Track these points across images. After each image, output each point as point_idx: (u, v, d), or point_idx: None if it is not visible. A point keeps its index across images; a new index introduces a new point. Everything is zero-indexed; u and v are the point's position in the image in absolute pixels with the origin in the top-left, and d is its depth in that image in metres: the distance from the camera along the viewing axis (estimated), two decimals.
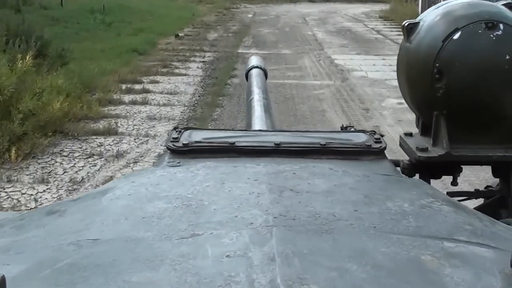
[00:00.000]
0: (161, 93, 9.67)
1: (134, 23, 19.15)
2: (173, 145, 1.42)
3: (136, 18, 20.72)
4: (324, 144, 1.42)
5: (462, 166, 2.00)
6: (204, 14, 24.72)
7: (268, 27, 20.91)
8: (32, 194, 5.44)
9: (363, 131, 1.57)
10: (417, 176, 1.93)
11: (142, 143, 7.03)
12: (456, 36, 1.80)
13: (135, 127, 7.69)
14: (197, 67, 12.39)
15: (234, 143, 1.43)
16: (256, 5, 31.34)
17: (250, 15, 25.81)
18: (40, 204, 5.17)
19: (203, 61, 13.15)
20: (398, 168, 1.88)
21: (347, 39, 17.68)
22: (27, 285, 0.82)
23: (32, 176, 5.87)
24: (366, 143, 1.45)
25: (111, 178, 5.87)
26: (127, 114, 8.24)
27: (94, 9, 20.70)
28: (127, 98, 9.13)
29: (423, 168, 1.93)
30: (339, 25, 21.75)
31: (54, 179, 5.86)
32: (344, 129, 2.03)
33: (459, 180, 2.05)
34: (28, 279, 0.84)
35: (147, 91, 9.63)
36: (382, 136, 1.51)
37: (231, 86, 10.54)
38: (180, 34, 16.86)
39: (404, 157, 2.00)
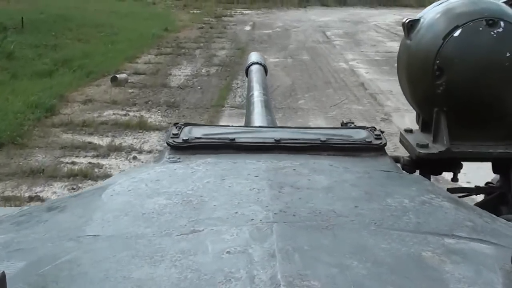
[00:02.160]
0: None
1: (63, 47, 12.02)
2: (173, 141, 1.40)
3: (74, 37, 13.49)
4: (325, 141, 1.42)
5: (462, 162, 1.99)
6: (183, 27, 17.31)
7: (275, 52, 13.19)
8: None
9: (364, 128, 1.56)
10: (417, 172, 1.91)
11: None
12: (456, 33, 1.81)
13: None
14: None
15: (234, 139, 1.41)
16: (256, 11, 23.85)
17: (247, 28, 18.38)
18: None
19: None
20: (398, 164, 1.86)
21: None
22: (27, 281, 0.81)
23: None
24: (367, 140, 1.44)
25: None
26: None
27: (5, 25, 13.44)
28: None
29: (424, 165, 1.92)
30: (382, 47, 14.26)
31: None
32: (344, 125, 1.99)
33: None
34: (28, 275, 0.83)
35: None
36: (382, 132, 1.49)
37: None
38: (119, 76, 9.29)
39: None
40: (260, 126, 1.81)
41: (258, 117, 2.00)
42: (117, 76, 9.34)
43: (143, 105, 8.01)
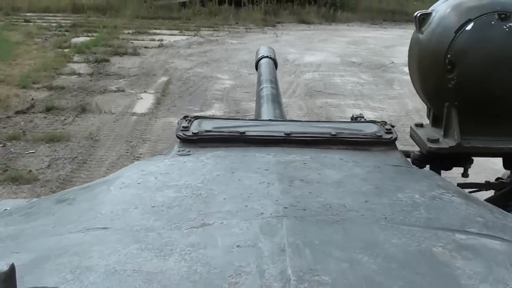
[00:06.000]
0: None
1: None
2: (183, 134, 1.41)
3: None
4: (335, 134, 1.41)
5: (473, 157, 1.98)
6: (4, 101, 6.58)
7: None
8: None
9: (374, 122, 1.55)
10: (427, 167, 1.89)
11: None
12: (468, 27, 1.79)
13: None
14: None
15: (244, 132, 1.42)
16: (190, 37, 13.04)
17: (141, 108, 7.39)
18: None
19: None
20: (409, 159, 1.85)
21: None
22: (36, 273, 0.81)
23: None
24: (377, 134, 1.43)
25: None
26: None
27: None
28: None
29: (434, 159, 1.91)
30: None
31: None
32: (354, 119, 1.99)
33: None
34: (37, 267, 0.83)
35: None
36: (393, 126, 1.48)
37: None
38: None
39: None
40: (270, 120, 1.84)
41: (267, 111, 2.02)
42: None
43: None
